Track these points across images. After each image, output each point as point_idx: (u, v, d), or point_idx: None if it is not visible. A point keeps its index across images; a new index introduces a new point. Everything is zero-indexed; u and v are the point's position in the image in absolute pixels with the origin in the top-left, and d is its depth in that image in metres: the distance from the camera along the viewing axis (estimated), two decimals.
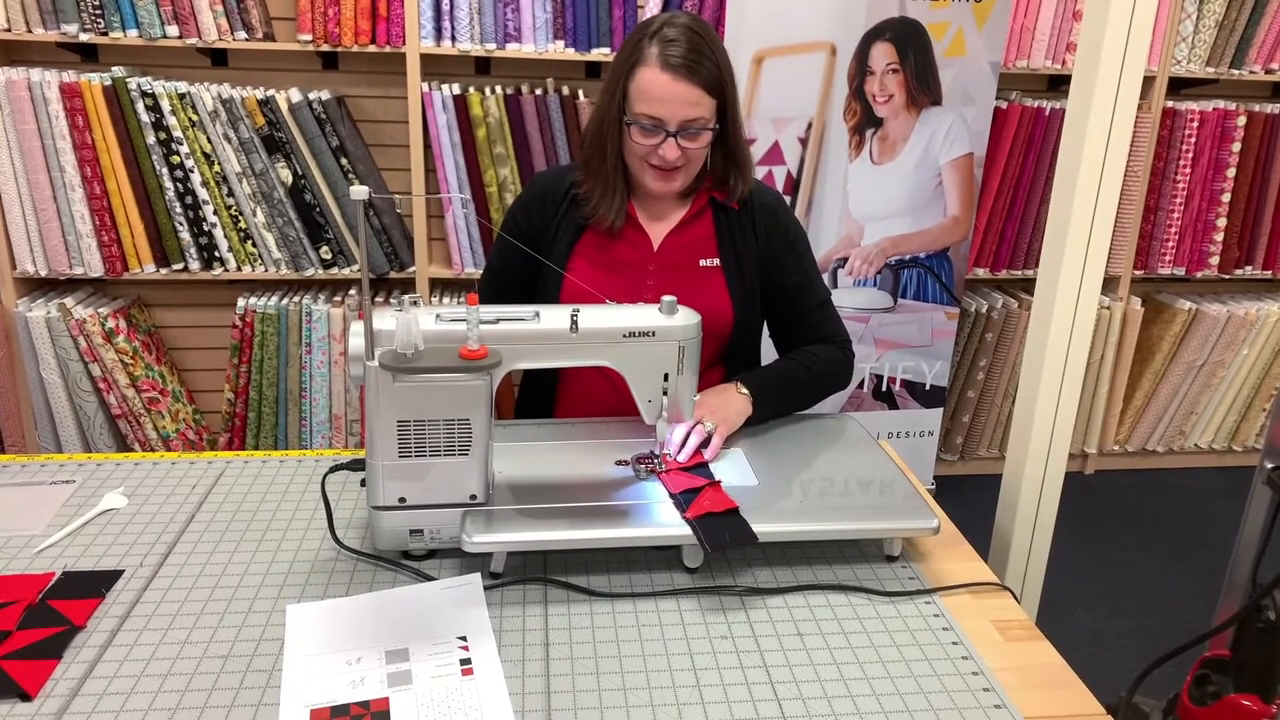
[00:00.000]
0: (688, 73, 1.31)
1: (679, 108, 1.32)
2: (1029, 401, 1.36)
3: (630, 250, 1.46)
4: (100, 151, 2.38)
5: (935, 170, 2.52)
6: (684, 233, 1.46)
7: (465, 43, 2.44)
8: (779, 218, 1.49)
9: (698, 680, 0.96)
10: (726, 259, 1.46)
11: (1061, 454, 1.35)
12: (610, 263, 1.46)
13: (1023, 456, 1.36)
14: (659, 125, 1.33)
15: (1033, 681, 0.98)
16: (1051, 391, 1.33)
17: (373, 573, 1.11)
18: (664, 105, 1.32)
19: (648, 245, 1.46)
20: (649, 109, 1.33)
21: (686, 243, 1.46)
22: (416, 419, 1.07)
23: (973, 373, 2.92)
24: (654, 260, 1.46)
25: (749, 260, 1.47)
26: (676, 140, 1.34)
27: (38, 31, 2.31)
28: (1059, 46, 2.68)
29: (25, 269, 2.44)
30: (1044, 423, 1.34)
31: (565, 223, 1.47)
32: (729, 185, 1.45)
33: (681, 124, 1.33)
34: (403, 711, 0.90)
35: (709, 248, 1.47)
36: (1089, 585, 2.50)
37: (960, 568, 1.17)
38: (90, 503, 1.24)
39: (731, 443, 1.32)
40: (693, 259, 1.46)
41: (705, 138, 1.36)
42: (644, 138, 1.35)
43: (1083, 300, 1.29)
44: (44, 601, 1.04)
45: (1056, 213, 1.29)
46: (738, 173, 1.44)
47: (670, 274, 1.46)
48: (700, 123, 1.34)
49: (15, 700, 0.90)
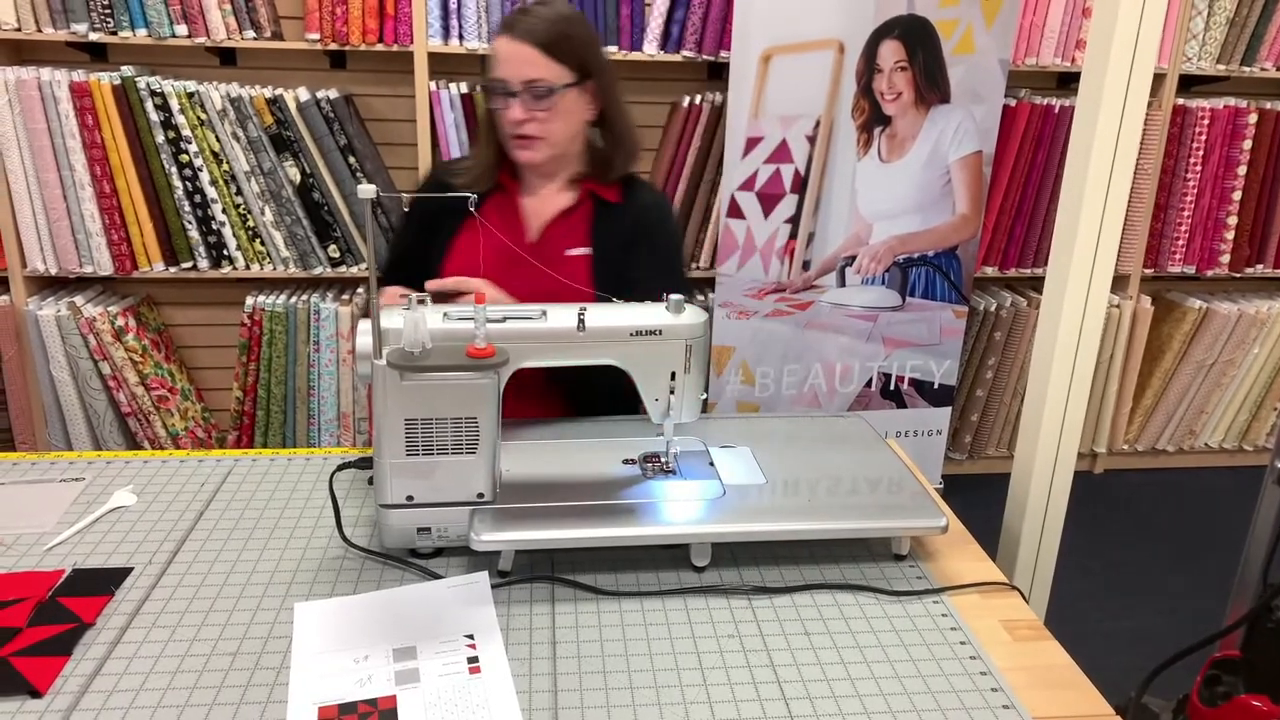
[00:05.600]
0: (526, 34, 1.38)
1: (519, 67, 1.38)
2: (1038, 400, 1.35)
3: (508, 237, 1.49)
4: (109, 150, 2.39)
5: (944, 168, 2.51)
6: (561, 223, 1.49)
7: (473, 41, 2.44)
8: (649, 214, 1.52)
9: (704, 679, 0.95)
10: (596, 250, 1.48)
11: (1070, 453, 1.35)
12: (490, 248, 1.48)
13: (1031, 456, 1.36)
14: (504, 86, 1.39)
15: (1041, 681, 0.98)
16: (1060, 390, 1.33)
17: (380, 571, 1.11)
18: (506, 66, 1.39)
19: (524, 233, 1.50)
20: (496, 71, 1.40)
21: (561, 233, 1.49)
22: (424, 417, 1.07)
23: (981, 371, 2.91)
24: (528, 249, 1.48)
25: (618, 253, 1.49)
26: (521, 101, 1.39)
27: (48, 31, 2.32)
28: (1068, 43, 2.67)
29: (36, 267, 2.45)
30: (1053, 422, 1.34)
31: (453, 209, 1.49)
32: (613, 165, 1.49)
33: (525, 84, 1.38)
34: (410, 709, 0.90)
35: (581, 237, 1.49)
36: (1098, 585, 2.49)
37: (969, 567, 1.17)
38: (100, 500, 1.25)
39: (738, 441, 1.32)
40: (564, 248, 1.49)
41: (553, 101, 1.39)
42: (496, 101, 1.42)
43: (1092, 299, 1.29)
44: (54, 598, 1.04)
45: (1066, 211, 1.28)
46: (621, 152, 1.50)
47: (543, 261, 1.46)
48: (543, 84, 1.38)
49: (25, 697, 0.90)
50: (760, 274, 2.52)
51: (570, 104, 1.42)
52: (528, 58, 1.38)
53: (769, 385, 2.62)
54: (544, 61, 1.38)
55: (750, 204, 2.47)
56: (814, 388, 2.64)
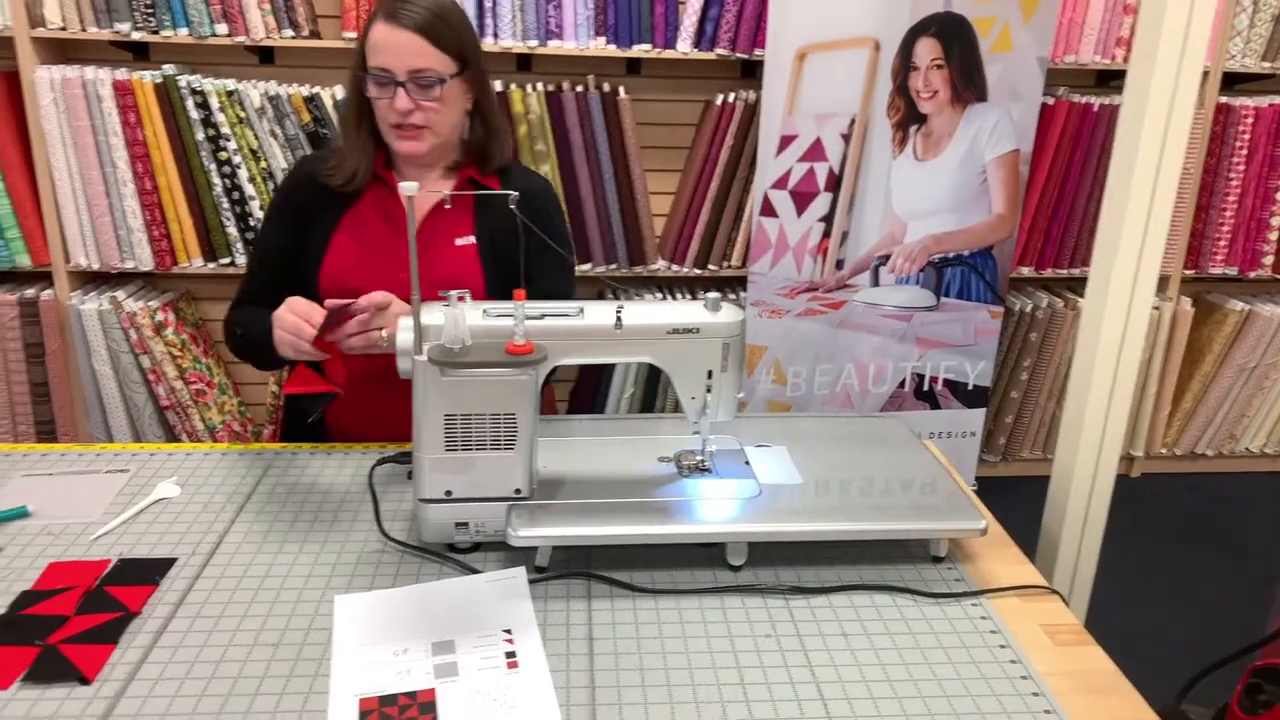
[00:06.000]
0: (411, 23, 1.34)
1: (404, 56, 1.34)
2: (1079, 403, 1.33)
3: (389, 230, 1.46)
4: (151, 147, 2.43)
5: (980, 167, 2.48)
6: (443, 212, 1.46)
7: (507, 39, 2.45)
8: (534, 201, 1.48)
9: (742, 678, 0.95)
10: (481, 238, 1.47)
11: (1112, 457, 1.33)
12: (370, 242, 1.46)
13: (1072, 459, 1.34)
14: (388, 75, 1.36)
15: (1083, 687, 0.97)
16: (1102, 393, 1.31)
17: (419, 565, 1.12)
18: (389, 55, 1.35)
19: (405, 224, 1.46)
20: (377, 60, 1.36)
21: (444, 222, 1.47)
22: (463, 413, 1.08)
23: (1016, 373, 2.88)
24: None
25: (503, 240, 1.47)
26: (407, 91, 1.35)
27: (92, 30, 2.36)
28: (1109, 41, 2.63)
29: (78, 262, 2.50)
30: (1094, 425, 1.32)
31: (327, 204, 1.46)
32: (490, 155, 1.48)
33: (410, 73, 1.35)
34: (449, 703, 0.91)
35: (465, 226, 1.47)
36: (1136, 590, 2.46)
37: (1008, 570, 1.16)
38: (144, 491, 1.27)
39: (775, 441, 1.32)
40: (449, 238, 1.47)
41: (439, 92, 1.37)
42: (378, 91, 1.37)
43: (1136, 302, 1.27)
44: (101, 587, 1.06)
45: (1110, 212, 1.26)
46: (497, 143, 1.48)
47: (428, 254, 1.44)
48: (430, 74, 1.36)
49: (74, 684, 0.92)
50: (793, 273, 2.51)
51: (454, 93, 1.40)
52: (414, 46, 1.35)
53: (801, 385, 2.61)
54: (430, 50, 1.36)
55: (783, 202, 2.46)
56: (846, 388, 2.63)
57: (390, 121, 1.39)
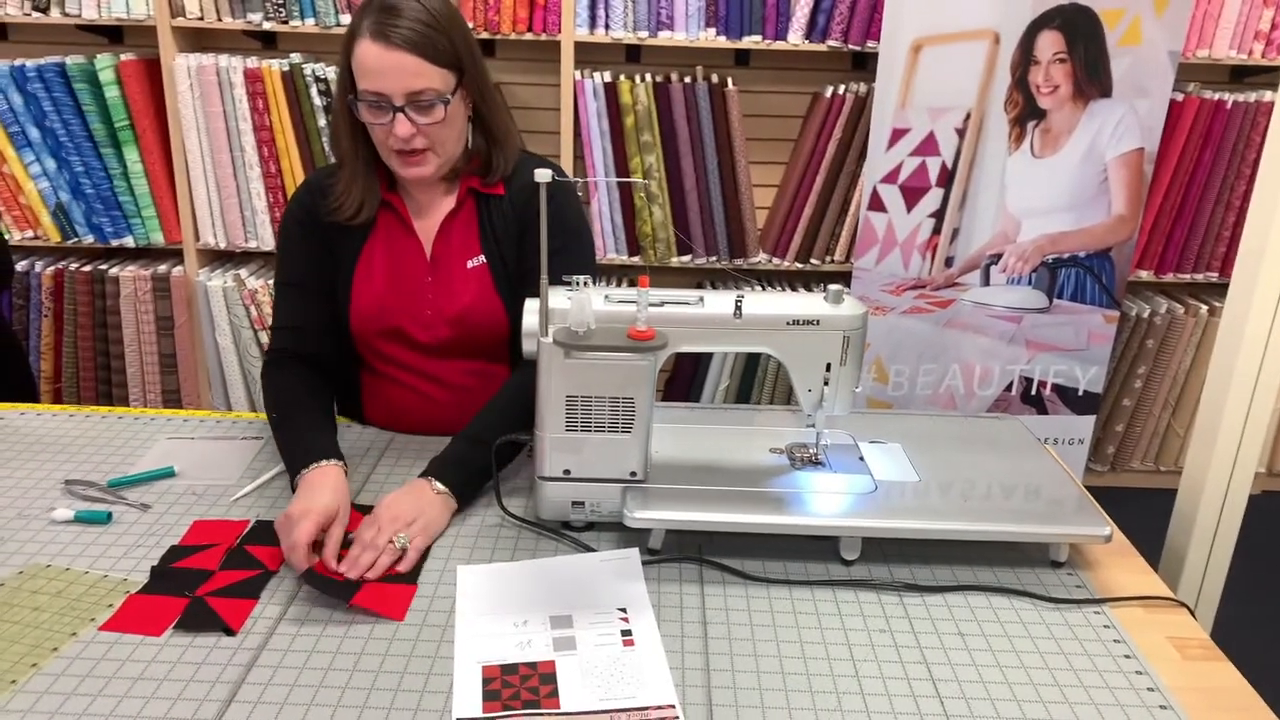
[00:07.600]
0: (403, 40, 1.21)
1: (399, 79, 1.22)
2: (1214, 414, 1.28)
3: (407, 260, 1.38)
4: (276, 133, 2.54)
5: (1101, 165, 2.39)
6: (450, 233, 1.38)
7: (619, 30, 2.48)
8: (532, 199, 1.31)
9: (856, 671, 0.95)
10: (490, 255, 1.38)
11: (1247, 471, 1.27)
12: (392, 273, 1.38)
13: (1203, 471, 1.29)
14: (384, 100, 1.23)
15: (1214, 704, 0.93)
16: (1240, 405, 1.25)
17: (535, 541, 1.16)
18: (382, 78, 1.22)
19: (420, 252, 1.38)
20: (370, 84, 1.23)
21: (454, 245, 1.38)
22: (584, 395, 1.11)
23: (1130, 380, 2.77)
24: (428, 269, 1.38)
25: (510, 250, 1.38)
26: (406, 115, 1.24)
27: (227, 20, 2.48)
28: (1246, 35, 2.49)
29: (207, 241, 2.63)
30: (1229, 438, 1.26)
31: (340, 239, 1.38)
32: (494, 167, 1.36)
33: (408, 96, 1.23)
34: (568, 675, 0.93)
35: (473, 246, 1.38)
36: (1258, 608, 2.34)
37: (1131, 580, 1.12)
38: (276, 459, 1.33)
39: (889, 438, 1.30)
40: (461, 260, 1.38)
41: (441, 112, 1.25)
42: (373, 116, 1.25)
43: None
44: (242, 546, 1.13)
45: (1257, 212, 1.20)
46: (499, 151, 1.36)
47: (444, 279, 1.38)
48: (430, 95, 1.24)
49: (220, 634, 0.98)
50: (900, 269, 2.47)
51: (456, 108, 1.28)
52: (409, 67, 1.22)
53: (903, 384, 2.56)
54: (427, 69, 1.23)
55: (893, 197, 2.42)
56: (950, 389, 2.57)
57: (392, 147, 1.28)
